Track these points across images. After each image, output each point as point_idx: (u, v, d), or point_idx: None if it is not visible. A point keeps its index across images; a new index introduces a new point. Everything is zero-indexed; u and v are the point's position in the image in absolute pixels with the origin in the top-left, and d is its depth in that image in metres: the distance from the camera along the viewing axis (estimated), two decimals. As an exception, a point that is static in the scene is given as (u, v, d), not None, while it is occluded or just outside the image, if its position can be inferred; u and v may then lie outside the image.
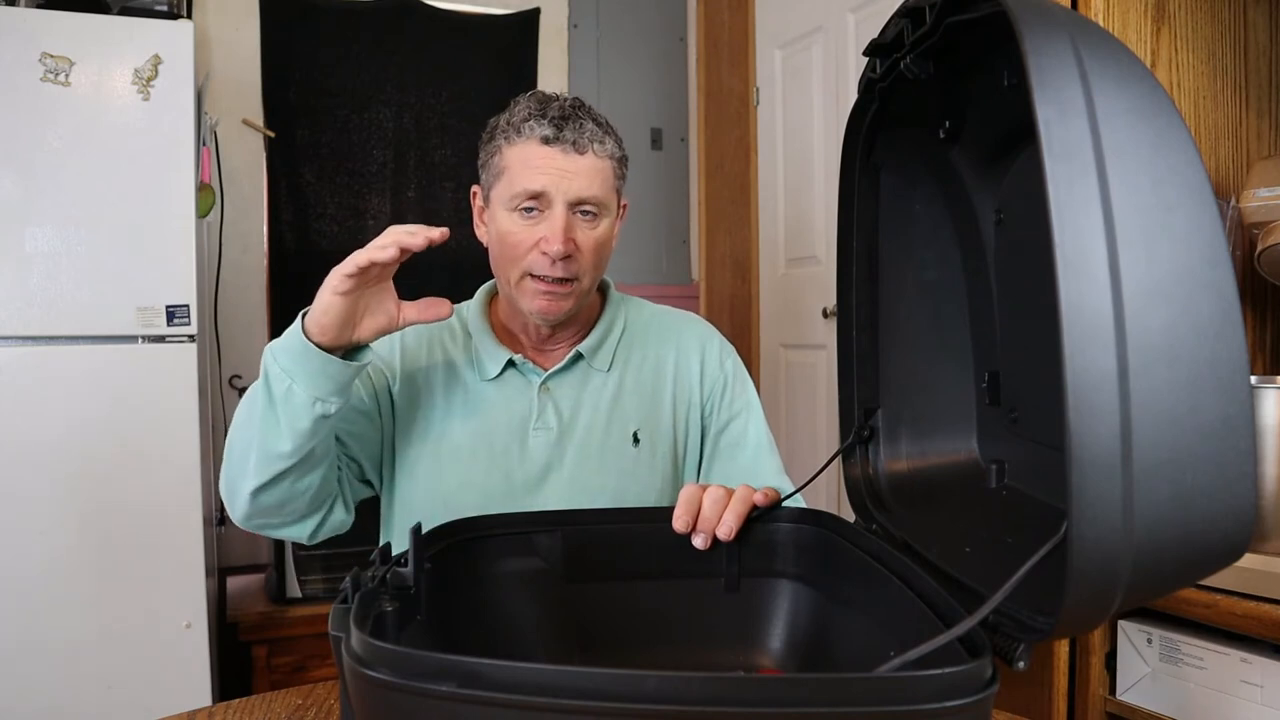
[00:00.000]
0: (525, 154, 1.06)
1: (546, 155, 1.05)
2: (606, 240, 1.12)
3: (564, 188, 1.05)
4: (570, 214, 1.06)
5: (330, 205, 2.76)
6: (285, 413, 0.94)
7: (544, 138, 1.05)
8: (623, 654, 0.84)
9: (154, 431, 1.97)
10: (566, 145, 1.05)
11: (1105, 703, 1.35)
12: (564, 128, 1.05)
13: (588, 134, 1.06)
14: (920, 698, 0.47)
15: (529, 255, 1.07)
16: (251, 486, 0.98)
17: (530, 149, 1.06)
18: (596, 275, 1.12)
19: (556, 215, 1.05)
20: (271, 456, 0.96)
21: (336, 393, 0.95)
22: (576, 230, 1.07)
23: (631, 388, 1.17)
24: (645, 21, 3.26)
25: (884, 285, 0.84)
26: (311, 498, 1.03)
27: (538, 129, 1.05)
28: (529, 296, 1.08)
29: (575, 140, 1.05)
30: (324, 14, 2.75)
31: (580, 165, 1.06)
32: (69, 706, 1.89)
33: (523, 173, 1.06)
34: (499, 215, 1.09)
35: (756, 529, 0.87)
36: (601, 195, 1.08)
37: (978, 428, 0.81)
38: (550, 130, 1.05)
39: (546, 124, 1.05)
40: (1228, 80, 1.53)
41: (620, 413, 1.16)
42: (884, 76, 0.74)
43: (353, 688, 0.54)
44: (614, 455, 1.14)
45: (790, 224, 2.85)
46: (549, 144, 1.05)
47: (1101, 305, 0.44)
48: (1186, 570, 0.49)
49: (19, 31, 1.88)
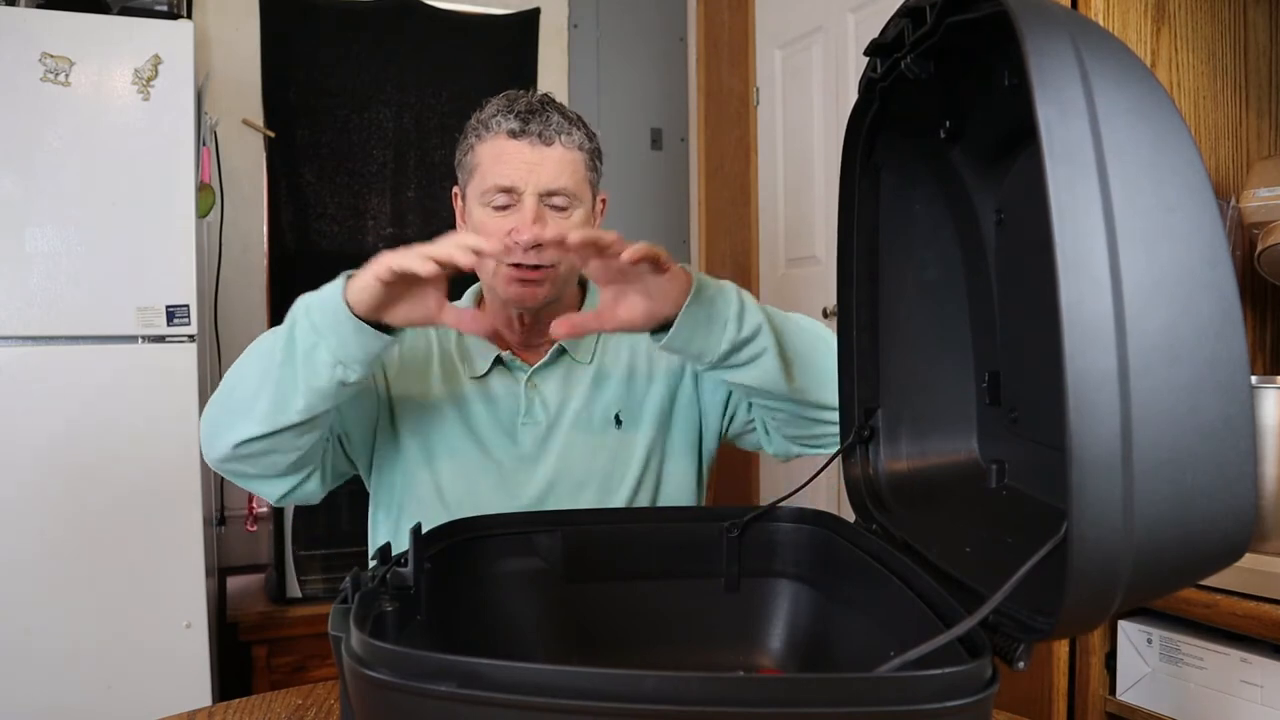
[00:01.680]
0: (494, 149, 1.09)
1: (515, 149, 1.08)
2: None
3: (532, 180, 1.08)
4: (540, 206, 1.09)
5: (330, 205, 2.76)
6: (305, 370, 0.94)
7: (511, 131, 1.09)
8: (623, 654, 0.84)
9: (154, 431, 1.97)
10: (533, 137, 1.08)
11: (1105, 703, 1.35)
12: (530, 121, 1.09)
13: (554, 126, 1.09)
14: (920, 698, 0.47)
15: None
16: (246, 434, 0.97)
17: (499, 144, 1.09)
18: (571, 265, 1.13)
19: (526, 208, 1.08)
20: (281, 410, 0.95)
21: (362, 361, 0.94)
22: (547, 222, 1.09)
23: (610, 372, 1.20)
24: (645, 21, 3.26)
25: (884, 285, 0.84)
26: (296, 460, 1.02)
27: (505, 123, 1.09)
28: (505, 283, 1.10)
29: (541, 132, 1.08)
30: (324, 14, 2.75)
31: (547, 156, 1.09)
32: (69, 706, 1.89)
33: (492, 168, 1.09)
34: (474, 211, 1.12)
35: (757, 529, 0.87)
36: (571, 186, 1.10)
37: (978, 428, 0.81)
38: (517, 124, 1.08)
39: (513, 118, 1.09)
40: (1228, 80, 1.53)
41: (601, 398, 1.18)
42: (884, 76, 0.74)
43: (353, 688, 0.54)
44: (599, 440, 1.17)
45: (790, 224, 2.85)
46: (516, 137, 1.09)
47: (1102, 305, 0.44)
48: (1186, 570, 0.49)
49: (19, 31, 1.88)
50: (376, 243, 2.79)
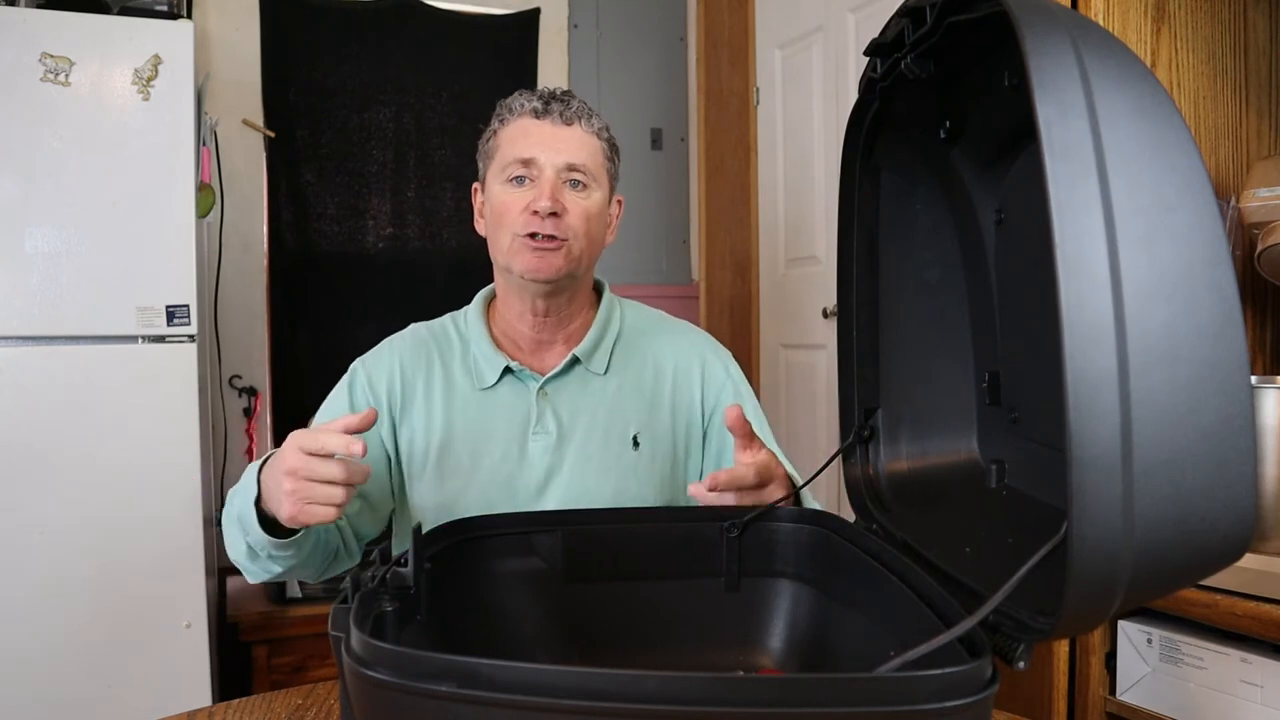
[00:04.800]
0: (517, 129, 1.12)
1: (536, 126, 1.12)
2: (597, 213, 1.13)
3: (552, 155, 1.10)
4: (559, 180, 1.10)
5: (330, 205, 2.76)
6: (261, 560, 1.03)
7: (534, 110, 1.12)
8: (623, 654, 0.84)
9: (154, 431, 1.97)
10: (554, 117, 1.12)
11: (1105, 703, 1.35)
12: (552, 102, 1.12)
13: (575, 108, 1.13)
14: (920, 698, 0.47)
15: (520, 218, 1.09)
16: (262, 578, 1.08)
17: (522, 124, 1.12)
18: (589, 246, 1.13)
19: (546, 179, 1.10)
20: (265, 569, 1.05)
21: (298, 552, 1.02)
22: (565, 195, 1.10)
23: (631, 391, 1.17)
24: (645, 21, 3.26)
25: (884, 285, 0.84)
26: (316, 568, 1.10)
27: (528, 104, 1.13)
28: (519, 256, 1.10)
29: (563, 113, 1.12)
30: (324, 14, 2.75)
31: (569, 134, 1.12)
32: (69, 706, 1.89)
33: (514, 144, 1.12)
34: (494, 190, 1.13)
35: (757, 529, 0.87)
36: (590, 165, 1.12)
37: (978, 428, 0.81)
38: (539, 104, 1.12)
39: (537, 100, 1.13)
40: (1228, 80, 1.53)
41: (620, 416, 1.16)
42: (884, 76, 0.74)
43: (353, 688, 0.54)
44: (614, 458, 1.14)
45: (790, 224, 2.85)
46: (539, 116, 1.12)
47: (1102, 305, 0.44)
48: (1186, 570, 0.49)
49: (19, 31, 1.88)
50: (377, 242, 2.79)
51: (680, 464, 1.19)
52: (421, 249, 2.84)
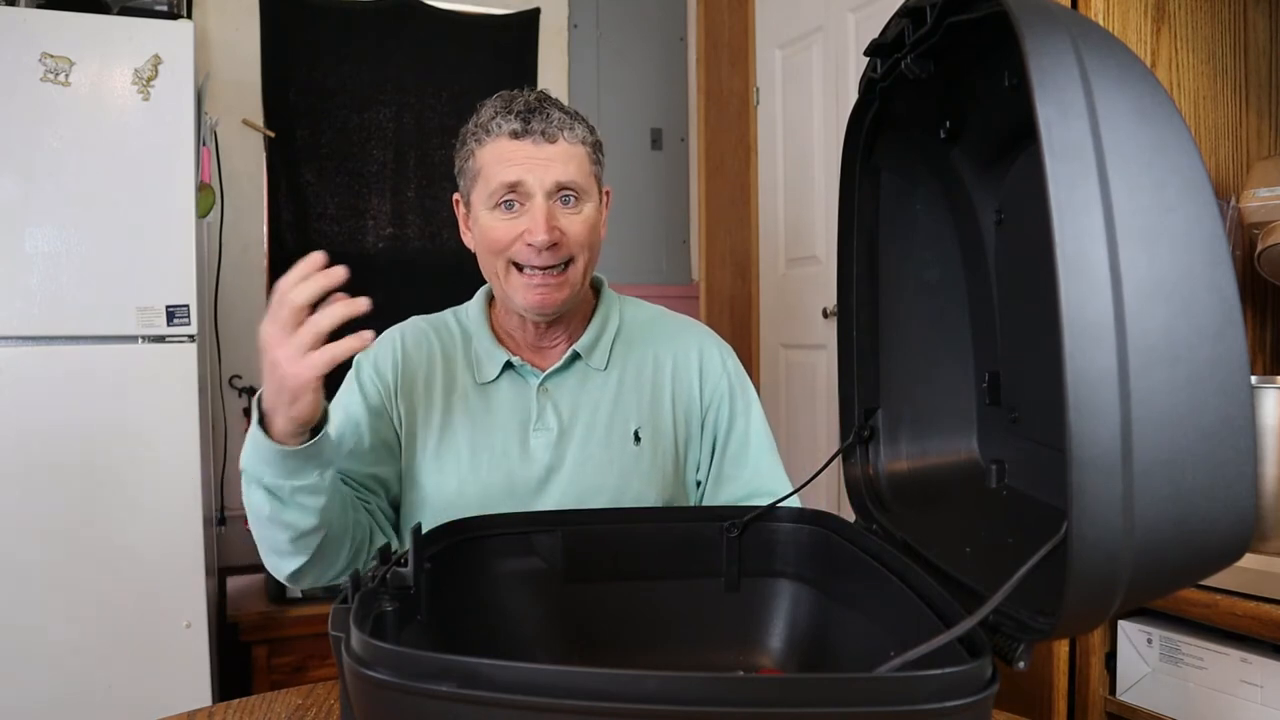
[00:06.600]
0: (497, 151, 1.07)
1: (518, 148, 1.06)
2: (594, 225, 1.12)
3: (540, 176, 1.06)
4: (551, 202, 1.07)
5: (330, 205, 2.76)
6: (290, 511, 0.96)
7: (513, 132, 1.06)
8: (623, 654, 0.84)
9: (154, 431, 1.97)
10: (536, 136, 1.06)
11: (1105, 703, 1.34)
12: (531, 120, 1.06)
13: (555, 122, 1.07)
14: (920, 698, 0.47)
15: (514, 247, 1.07)
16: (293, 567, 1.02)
17: (501, 145, 1.07)
18: (589, 259, 1.12)
19: (537, 205, 1.06)
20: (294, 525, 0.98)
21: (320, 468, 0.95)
22: (560, 218, 1.07)
23: (631, 386, 1.17)
24: (645, 21, 3.26)
25: (884, 285, 0.83)
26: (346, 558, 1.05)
27: (505, 125, 1.07)
28: (521, 291, 1.08)
29: (544, 130, 1.06)
30: (324, 14, 2.75)
31: (553, 152, 1.07)
32: (69, 706, 1.89)
33: (497, 169, 1.07)
34: (481, 216, 1.10)
35: (756, 529, 0.87)
36: (579, 180, 1.08)
37: (978, 428, 0.81)
38: (518, 124, 1.06)
39: (514, 119, 1.07)
40: (1228, 80, 1.53)
41: (621, 412, 1.16)
42: (884, 76, 0.74)
43: (353, 688, 0.54)
44: (615, 454, 1.14)
45: (790, 224, 2.85)
46: (519, 137, 1.06)
47: (1102, 305, 0.44)
48: (1186, 570, 0.49)
49: (19, 31, 1.88)
50: (377, 243, 2.79)
51: (681, 458, 1.19)
52: (421, 249, 2.84)
